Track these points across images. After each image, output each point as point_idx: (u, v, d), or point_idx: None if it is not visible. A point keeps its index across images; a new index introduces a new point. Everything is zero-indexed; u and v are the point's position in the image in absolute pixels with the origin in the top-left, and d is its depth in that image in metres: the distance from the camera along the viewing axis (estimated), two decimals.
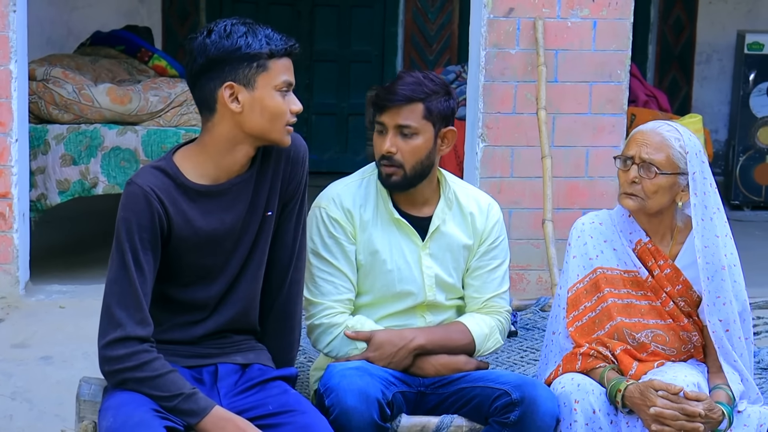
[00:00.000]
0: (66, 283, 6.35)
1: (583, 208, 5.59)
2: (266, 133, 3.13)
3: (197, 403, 3.01)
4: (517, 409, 3.28)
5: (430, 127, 3.46)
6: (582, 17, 5.64)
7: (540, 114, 5.43)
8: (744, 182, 8.92)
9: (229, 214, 3.16)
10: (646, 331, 3.45)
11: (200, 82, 3.11)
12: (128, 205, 3.07)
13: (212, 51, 3.07)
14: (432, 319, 3.56)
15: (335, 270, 3.47)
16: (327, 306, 3.47)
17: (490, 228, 3.58)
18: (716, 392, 3.37)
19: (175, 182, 3.12)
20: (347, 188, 3.53)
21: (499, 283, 3.61)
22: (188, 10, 9.73)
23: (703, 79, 9.86)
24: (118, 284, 3.04)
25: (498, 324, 3.60)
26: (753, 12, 9.71)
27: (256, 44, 3.08)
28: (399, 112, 3.43)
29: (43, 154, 6.35)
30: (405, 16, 9.88)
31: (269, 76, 3.10)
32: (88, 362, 4.84)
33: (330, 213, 3.48)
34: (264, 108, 3.10)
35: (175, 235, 3.11)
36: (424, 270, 3.52)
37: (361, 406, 3.19)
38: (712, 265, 3.41)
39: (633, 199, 3.45)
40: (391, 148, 3.44)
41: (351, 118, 9.96)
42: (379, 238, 3.49)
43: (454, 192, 3.57)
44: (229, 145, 3.13)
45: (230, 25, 3.10)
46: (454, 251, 3.55)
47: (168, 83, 6.72)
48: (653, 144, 3.42)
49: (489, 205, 3.62)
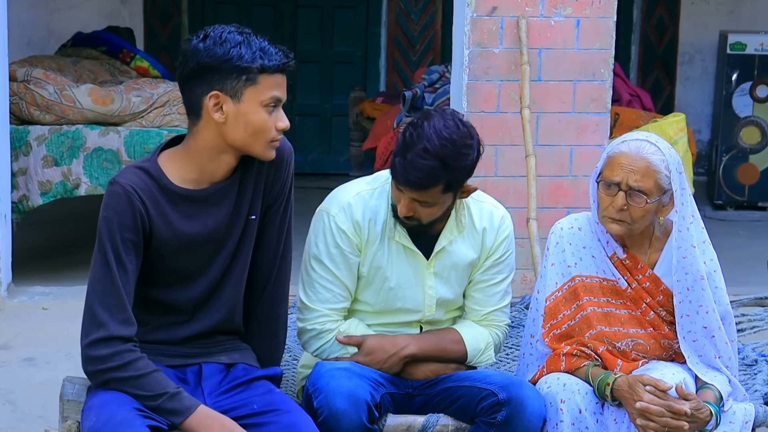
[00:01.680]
0: (49, 285, 6.35)
1: (567, 207, 5.59)
2: (248, 146, 3.10)
3: (182, 402, 2.99)
4: (504, 410, 3.27)
5: (450, 196, 3.33)
6: (565, 16, 5.64)
7: (524, 113, 5.43)
8: (727, 182, 8.95)
9: (211, 219, 3.14)
10: (627, 340, 3.43)
11: (188, 86, 3.08)
12: (110, 204, 3.04)
13: (204, 57, 3.03)
14: (428, 329, 3.53)
15: (336, 279, 3.42)
16: (322, 314, 3.43)
17: (499, 243, 3.50)
18: (704, 391, 3.36)
19: (158, 184, 3.09)
20: (359, 199, 3.42)
21: (501, 297, 3.56)
22: (170, 12, 9.71)
23: (685, 80, 9.90)
24: (101, 284, 3.02)
25: (495, 338, 3.57)
26: (735, 12, 9.75)
27: (249, 56, 3.03)
28: (415, 192, 3.27)
29: (24, 155, 6.33)
30: (388, 17, 9.89)
31: (257, 91, 3.05)
32: (71, 363, 4.84)
33: (339, 224, 3.39)
34: (247, 122, 3.06)
35: (156, 236, 3.09)
36: (426, 290, 3.46)
37: (350, 408, 3.18)
38: (690, 276, 3.37)
39: (620, 225, 3.39)
40: (409, 213, 3.31)
41: (334, 119, 9.96)
42: (385, 254, 3.43)
43: (468, 210, 3.47)
44: (213, 152, 3.11)
45: (227, 33, 3.05)
46: (459, 268, 3.48)
47: (150, 84, 6.71)
48: (640, 170, 3.34)
49: (501, 218, 3.52)
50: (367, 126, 8.65)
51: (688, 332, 3.39)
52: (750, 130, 8.88)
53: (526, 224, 5.22)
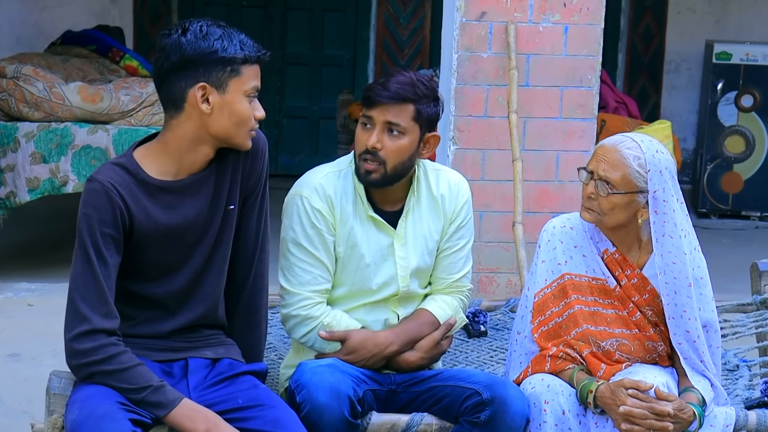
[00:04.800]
0: (34, 281, 6.35)
1: (553, 211, 5.60)
2: (231, 136, 3.15)
3: (165, 396, 3.01)
4: (487, 409, 3.29)
5: (417, 130, 3.45)
6: (553, 22, 5.66)
7: (511, 117, 5.44)
8: (711, 190, 8.99)
9: (190, 209, 3.17)
10: (611, 340, 3.46)
11: (170, 79, 3.11)
12: (89, 200, 3.07)
13: (188, 50, 3.07)
14: (403, 312, 3.57)
15: (315, 260, 3.46)
16: (305, 296, 3.46)
17: (459, 208, 3.59)
18: (687, 394, 3.39)
19: (136, 178, 3.12)
20: (328, 178, 3.51)
21: (464, 263, 3.63)
22: (160, 11, 9.72)
23: (671, 88, 9.94)
24: (82, 278, 3.04)
25: (460, 303, 3.64)
26: (721, 22, 9.80)
27: (232, 49, 3.09)
28: (390, 109, 3.42)
29: (12, 151, 6.33)
30: (377, 21, 9.91)
31: (240, 81, 3.11)
32: (56, 359, 4.81)
33: (313, 203, 3.46)
34: (232, 112, 3.12)
35: (136, 229, 3.12)
36: (398, 261, 3.52)
37: (332, 402, 3.20)
38: (678, 281, 3.40)
39: (590, 213, 3.45)
40: (377, 144, 3.42)
41: (322, 122, 9.97)
42: (359, 232, 3.49)
43: (426, 179, 3.57)
44: (192, 144, 3.14)
45: (206, 26, 3.11)
46: (427, 235, 3.55)
47: (139, 83, 6.71)
48: (610, 161, 3.39)
49: (458, 183, 3.62)
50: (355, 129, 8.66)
51: (674, 334, 3.43)
52: (734, 139, 8.93)
53: (511, 228, 5.24)
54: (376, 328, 3.53)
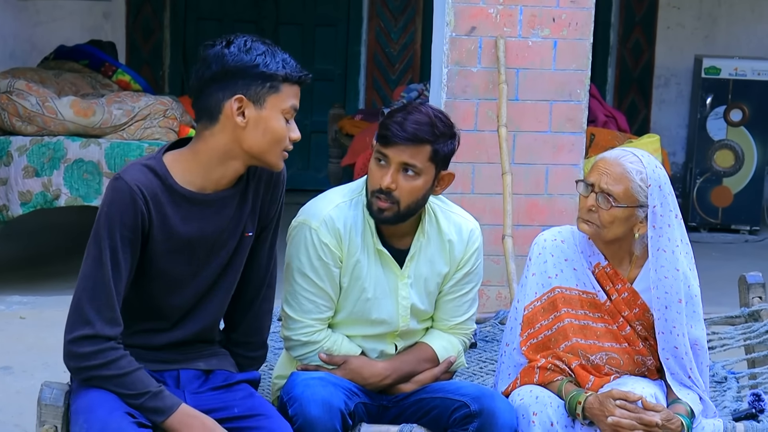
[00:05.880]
0: (27, 295, 6.34)
1: (542, 224, 5.62)
2: (263, 153, 3.12)
3: (164, 401, 3.01)
4: (475, 421, 3.29)
5: (432, 169, 3.37)
6: (543, 37, 5.68)
7: (501, 131, 5.45)
8: (701, 204, 9.01)
9: (209, 224, 3.15)
10: (601, 354, 3.46)
11: (209, 89, 3.09)
12: (114, 200, 3.04)
13: (230, 62, 3.06)
14: (403, 344, 3.55)
15: (319, 290, 3.43)
16: (307, 324, 3.44)
17: (468, 256, 3.52)
18: (675, 405, 3.40)
19: (164, 183, 3.09)
20: (339, 210, 3.43)
21: (469, 306, 3.59)
22: (152, 27, 9.74)
23: (661, 103, 9.95)
24: (92, 280, 3.02)
25: (463, 344, 3.61)
26: (710, 37, 9.83)
27: (274, 65, 3.08)
28: (406, 150, 3.33)
29: (5, 165, 6.33)
30: (368, 36, 9.92)
31: (279, 99, 3.10)
32: (48, 372, 4.81)
33: (321, 237, 3.39)
34: (267, 128, 3.10)
35: (152, 236, 3.09)
36: (399, 301, 3.48)
37: (324, 416, 3.20)
38: (670, 296, 3.41)
39: (589, 226, 3.44)
40: (391, 185, 3.33)
41: (313, 136, 9.97)
42: (365, 265, 3.44)
43: (435, 220, 3.50)
44: (224, 157, 3.11)
45: (251, 41, 3.11)
46: (429, 279, 3.50)
47: (132, 97, 6.72)
48: (613, 175, 3.39)
49: (471, 231, 3.53)
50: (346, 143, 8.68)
51: (662, 349, 3.44)
52: (724, 153, 8.95)
53: (501, 241, 5.25)
54: (374, 356, 3.53)
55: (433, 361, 3.53)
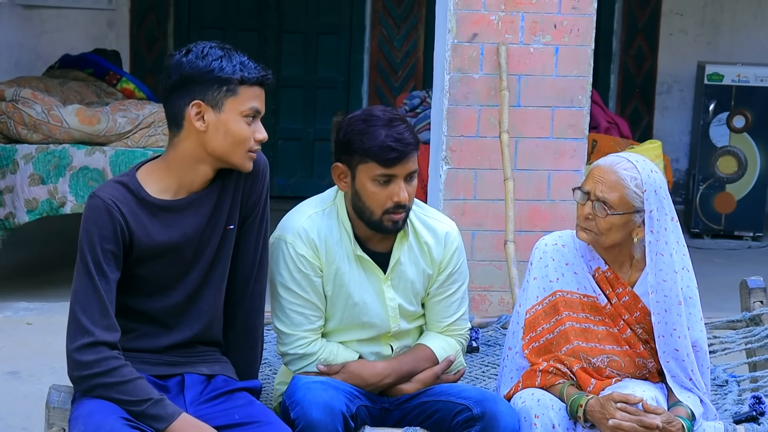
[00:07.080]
0: (33, 301, 6.36)
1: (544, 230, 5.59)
2: (227, 155, 3.19)
3: (165, 409, 3.05)
4: (477, 424, 3.31)
5: None
6: (544, 43, 5.69)
7: (503, 137, 5.44)
8: (704, 211, 9.01)
9: (189, 227, 3.21)
10: (602, 356, 3.47)
11: (172, 98, 3.18)
12: (90, 217, 3.12)
13: (186, 69, 3.15)
14: (398, 345, 3.58)
15: (305, 302, 3.46)
16: (300, 336, 3.47)
17: (448, 258, 3.56)
18: (676, 408, 3.41)
19: (136, 197, 3.17)
20: (311, 221, 3.47)
21: (459, 305, 3.62)
22: (156, 35, 9.78)
23: (664, 109, 9.96)
24: (84, 293, 3.08)
25: (460, 344, 3.64)
26: (713, 44, 9.84)
27: (229, 69, 3.15)
28: (411, 157, 3.38)
29: (11, 173, 6.36)
30: (371, 43, 9.94)
31: (237, 101, 3.16)
32: (55, 377, 4.85)
33: (297, 249, 3.43)
34: (227, 131, 3.17)
35: (136, 246, 3.16)
36: (387, 303, 3.51)
37: (325, 419, 3.22)
38: (669, 299, 3.42)
39: (587, 233, 3.46)
40: (408, 199, 3.39)
41: (317, 144, 10.00)
42: (345, 272, 3.47)
43: (411, 223, 3.53)
44: (192, 162, 3.20)
45: (208, 48, 3.18)
46: (414, 281, 3.53)
47: (136, 105, 6.75)
48: (608, 183, 3.41)
49: (446, 234, 3.56)
50: None
51: (663, 353, 3.45)
52: (727, 159, 8.95)
53: (503, 246, 5.26)
54: (372, 359, 3.55)
55: (431, 360, 3.55)
